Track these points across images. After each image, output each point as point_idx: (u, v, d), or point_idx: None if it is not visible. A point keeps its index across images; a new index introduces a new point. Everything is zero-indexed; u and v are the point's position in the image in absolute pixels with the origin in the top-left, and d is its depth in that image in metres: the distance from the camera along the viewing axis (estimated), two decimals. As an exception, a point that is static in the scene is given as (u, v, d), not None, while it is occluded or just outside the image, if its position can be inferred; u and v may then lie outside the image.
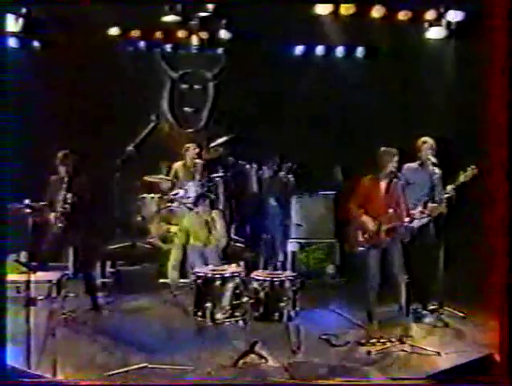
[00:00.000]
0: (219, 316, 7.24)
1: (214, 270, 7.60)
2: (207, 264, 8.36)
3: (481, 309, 8.17)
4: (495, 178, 6.66)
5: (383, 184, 8.11)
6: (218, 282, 7.36)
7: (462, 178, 8.24)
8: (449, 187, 8.29)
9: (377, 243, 8.02)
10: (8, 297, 6.48)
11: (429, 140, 8.69)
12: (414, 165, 8.67)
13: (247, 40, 10.82)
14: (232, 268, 7.56)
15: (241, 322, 7.33)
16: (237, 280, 7.39)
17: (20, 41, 10.45)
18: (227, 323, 7.33)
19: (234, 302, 7.31)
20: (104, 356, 7.14)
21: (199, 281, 7.44)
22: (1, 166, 6.16)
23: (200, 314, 7.33)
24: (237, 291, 7.34)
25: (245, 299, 7.25)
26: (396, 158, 8.07)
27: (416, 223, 8.23)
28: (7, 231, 6.29)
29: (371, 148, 8.51)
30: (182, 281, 9.32)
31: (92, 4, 10.00)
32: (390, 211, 7.93)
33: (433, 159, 8.53)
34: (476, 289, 8.25)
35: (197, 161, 10.40)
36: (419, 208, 8.33)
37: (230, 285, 7.34)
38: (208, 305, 7.21)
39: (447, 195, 8.28)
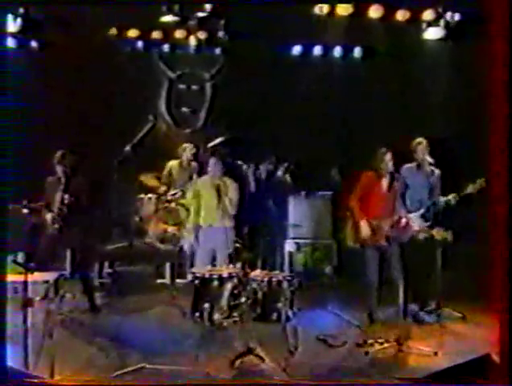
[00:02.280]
0: (217, 317, 7.22)
1: (212, 270, 7.59)
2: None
3: (479, 309, 8.17)
4: (495, 177, 6.66)
5: (384, 183, 8.13)
6: (216, 283, 7.34)
7: (470, 189, 8.19)
8: (453, 197, 8.28)
9: (375, 244, 8.06)
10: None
11: (423, 141, 8.70)
12: (412, 166, 8.69)
13: (245, 40, 10.82)
14: (229, 269, 7.54)
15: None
16: (235, 280, 7.37)
17: (18, 41, 10.44)
18: (225, 324, 7.33)
19: (232, 303, 7.29)
20: (101, 357, 7.13)
21: (196, 281, 7.43)
22: (0, 167, 6.17)
23: (197, 314, 7.32)
24: (235, 291, 7.32)
25: (242, 299, 7.24)
26: (391, 159, 8.10)
27: (416, 224, 8.25)
28: (7, 231, 6.29)
29: (369, 148, 8.53)
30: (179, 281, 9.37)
31: (91, 4, 10.00)
32: (395, 217, 7.96)
33: (430, 159, 8.55)
34: (474, 290, 8.26)
35: (193, 163, 10.42)
36: (422, 211, 8.36)
37: (228, 286, 7.33)
38: (206, 305, 7.19)
39: (448, 200, 8.29)
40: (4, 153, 6.22)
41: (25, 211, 8.37)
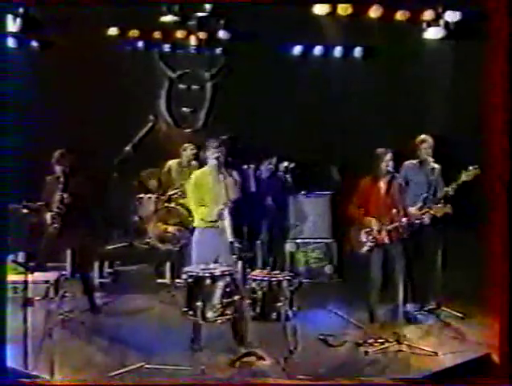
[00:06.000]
0: (210, 315, 7.18)
1: (205, 269, 7.53)
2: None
3: (479, 309, 8.18)
4: (495, 176, 6.67)
5: (383, 185, 8.15)
6: (208, 281, 7.28)
7: (464, 177, 8.25)
8: (450, 186, 8.32)
9: (380, 244, 8.07)
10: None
11: (428, 138, 8.73)
12: (414, 163, 8.72)
13: (245, 40, 10.82)
14: (222, 267, 7.48)
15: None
16: (228, 278, 7.31)
17: (18, 41, 10.44)
18: (225, 323, 7.31)
19: (225, 301, 7.25)
20: (101, 356, 7.13)
21: (190, 279, 7.39)
22: (0, 167, 6.18)
23: (191, 312, 7.28)
24: (227, 290, 7.27)
25: (236, 297, 7.21)
26: (391, 158, 8.12)
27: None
28: (7, 231, 6.30)
29: (368, 148, 8.53)
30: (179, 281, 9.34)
31: (91, 4, 10.00)
32: (394, 211, 7.98)
33: (431, 159, 8.58)
34: (474, 290, 8.26)
35: (193, 163, 10.39)
36: (419, 204, 8.38)
37: (220, 284, 7.28)
38: (199, 303, 7.15)
39: (446, 191, 8.32)
40: (4, 153, 6.23)
41: (25, 211, 8.37)
